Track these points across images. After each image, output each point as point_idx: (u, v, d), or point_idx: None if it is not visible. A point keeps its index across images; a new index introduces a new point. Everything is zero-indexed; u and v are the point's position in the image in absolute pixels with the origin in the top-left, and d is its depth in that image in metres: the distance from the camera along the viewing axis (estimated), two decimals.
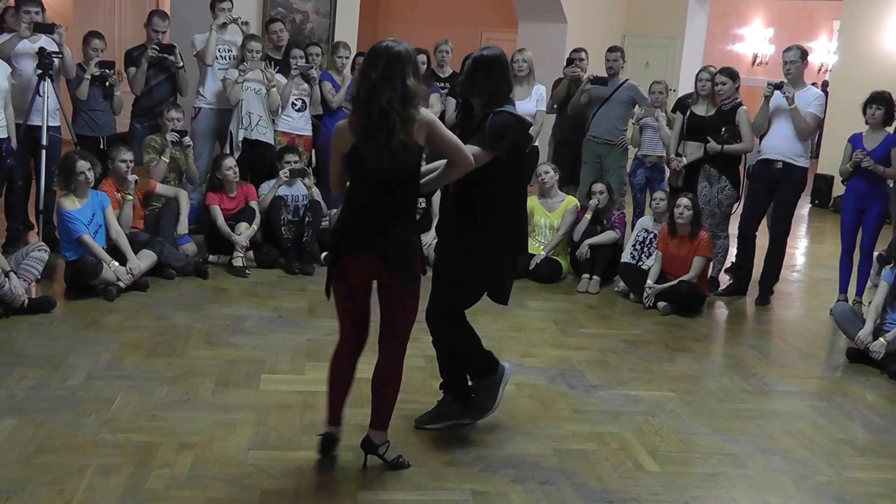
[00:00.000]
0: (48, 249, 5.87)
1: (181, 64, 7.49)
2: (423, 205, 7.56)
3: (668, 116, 7.88)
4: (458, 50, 8.57)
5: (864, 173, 6.53)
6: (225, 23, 7.56)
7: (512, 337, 5.72)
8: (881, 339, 5.59)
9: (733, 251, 7.37)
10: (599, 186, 7.34)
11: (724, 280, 7.40)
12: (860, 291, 6.85)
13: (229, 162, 7.01)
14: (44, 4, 6.75)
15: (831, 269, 7.28)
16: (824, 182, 12.23)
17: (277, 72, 7.59)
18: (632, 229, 7.52)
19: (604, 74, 8.01)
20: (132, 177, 6.42)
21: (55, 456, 3.72)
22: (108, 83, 7.04)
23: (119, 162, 6.41)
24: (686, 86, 10.79)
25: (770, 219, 7.17)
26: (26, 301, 5.42)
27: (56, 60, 6.55)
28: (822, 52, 18.07)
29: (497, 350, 5.40)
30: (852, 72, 11.81)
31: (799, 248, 9.66)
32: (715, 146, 6.91)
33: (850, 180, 6.72)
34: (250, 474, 3.68)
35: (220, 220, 6.84)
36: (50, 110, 6.56)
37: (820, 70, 17.98)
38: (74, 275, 5.90)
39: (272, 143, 7.64)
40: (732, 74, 7.01)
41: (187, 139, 6.97)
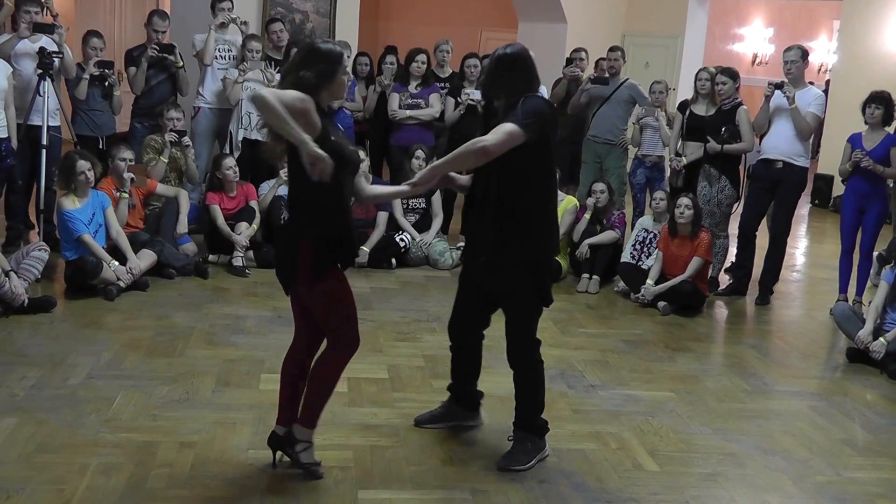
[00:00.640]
0: (48, 249, 5.90)
1: (181, 63, 7.49)
2: (423, 205, 7.56)
3: (669, 116, 7.88)
4: (457, 50, 8.56)
5: (864, 173, 6.52)
6: (224, 23, 7.57)
7: None
8: (881, 338, 5.59)
9: (733, 251, 7.37)
10: (600, 186, 7.33)
11: (724, 280, 7.40)
12: (860, 291, 6.84)
13: (229, 161, 7.01)
14: (43, 4, 6.76)
15: (831, 269, 7.27)
16: (824, 182, 12.21)
17: (278, 72, 7.59)
18: (632, 229, 7.52)
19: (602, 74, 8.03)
20: (128, 174, 6.43)
21: (56, 455, 3.72)
22: (107, 83, 7.07)
23: (118, 160, 6.42)
24: (686, 85, 10.78)
25: (770, 218, 7.18)
26: (26, 300, 5.43)
27: (56, 60, 6.58)
28: (822, 51, 18.07)
29: (497, 349, 5.40)
30: (852, 72, 11.80)
31: (799, 247, 9.65)
32: (715, 146, 6.90)
33: (849, 180, 6.71)
34: (250, 474, 3.68)
35: (220, 220, 6.85)
36: (50, 110, 6.59)
37: (820, 70, 17.98)
38: (75, 274, 5.91)
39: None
40: (733, 74, 7.00)
41: (186, 139, 6.97)
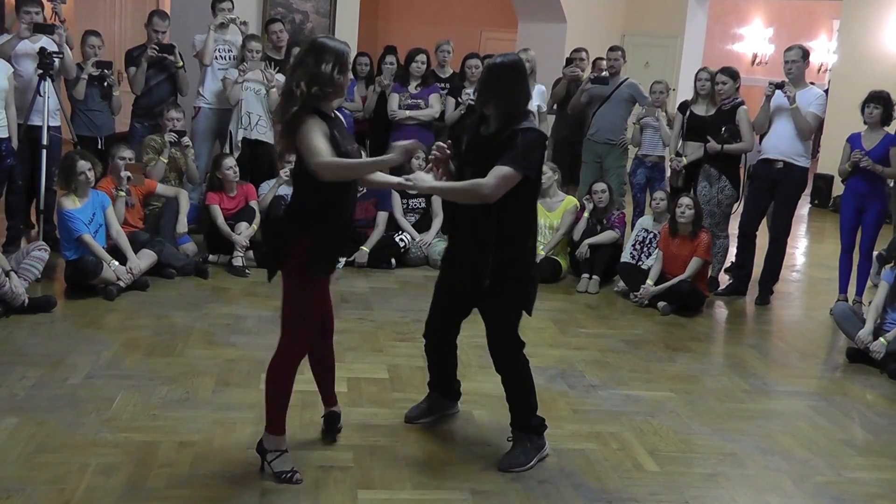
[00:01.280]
0: (48, 249, 5.90)
1: (181, 64, 7.49)
2: (423, 205, 7.56)
3: (669, 116, 7.88)
4: (457, 50, 8.56)
5: (863, 173, 6.52)
6: (223, 23, 7.56)
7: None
8: (881, 338, 5.60)
9: (733, 251, 7.37)
10: (600, 186, 7.33)
11: (724, 280, 7.40)
12: (860, 291, 6.84)
13: (229, 161, 7.01)
14: (43, 5, 6.76)
15: (831, 269, 7.27)
16: (824, 182, 12.22)
17: (278, 71, 7.58)
18: (631, 229, 7.52)
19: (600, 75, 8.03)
20: (125, 173, 6.42)
21: (56, 455, 3.72)
22: (106, 83, 7.06)
23: (118, 159, 6.42)
24: (685, 85, 10.78)
25: (770, 218, 7.18)
26: (26, 300, 5.42)
27: (56, 60, 6.57)
28: (822, 51, 18.07)
29: None
30: (852, 71, 11.81)
31: (799, 247, 9.66)
32: (715, 146, 6.90)
33: (848, 180, 6.71)
34: (250, 473, 3.68)
35: (220, 220, 6.84)
36: (50, 110, 6.58)
37: (820, 70, 17.98)
38: (74, 274, 5.90)
39: (272, 142, 7.63)
40: (733, 74, 7.00)
41: (186, 139, 6.97)
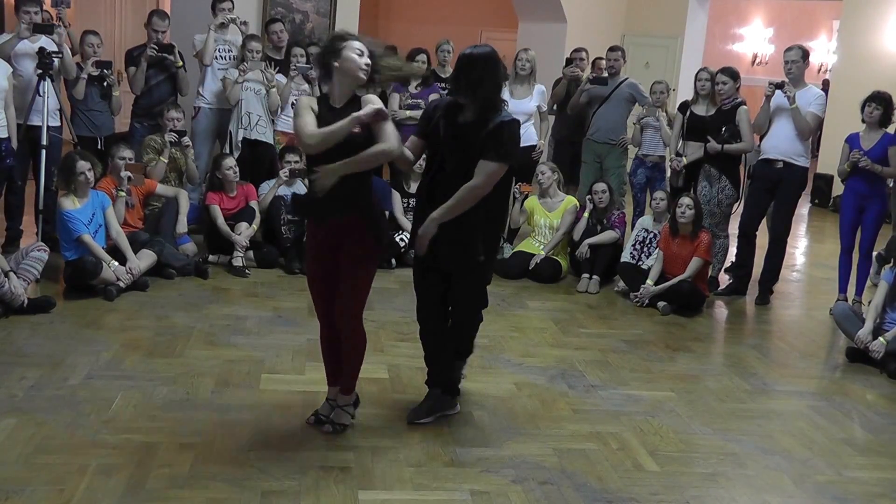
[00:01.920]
0: (48, 249, 5.86)
1: (181, 63, 7.47)
2: None
3: (669, 116, 7.88)
4: (457, 50, 8.54)
5: (863, 173, 6.52)
6: (223, 23, 7.55)
7: (512, 337, 5.72)
8: (881, 338, 5.60)
9: (733, 251, 7.37)
10: (600, 186, 7.32)
11: (724, 280, 7.40)
12: (860, 291, 6.84)
13: (229, 161, 7.00)
14: (42, 4, 6.74)
15: (831, 269, 7.27)
16: (824, 181, 12.22)
17: (278, 72, 7.58)
18: (632, 229, 7.51)
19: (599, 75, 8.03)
20: (125, 173, 6.41)
21: (55, 456, 3.71)
22: (105, 83, 7.04)
23: (118, 159, 6.41)
24: (686, 85, 10.78)
25: (770, 218, 7.17)
26: (26, 301, 5.41)
27: (56, 60, 6.56)
28: (822, 51, 18.06)
29: (497, 350, 5.44)
30: (852, 71, 11.80)
31: (799, 247, 9.66)
32: (715, 146, 6.90)
33: (848, 180, 6.71)
34: (250, 474, 3.67)
35: (220, 220, 6.83)
36: (50, 110, 6.57)
37: (820, 70, 17.98)
38: (74, 274, 5.89)
39: (272, 142, 7.63)
40: (733, 74, 7.00)
41: (186, 139, 6.96)
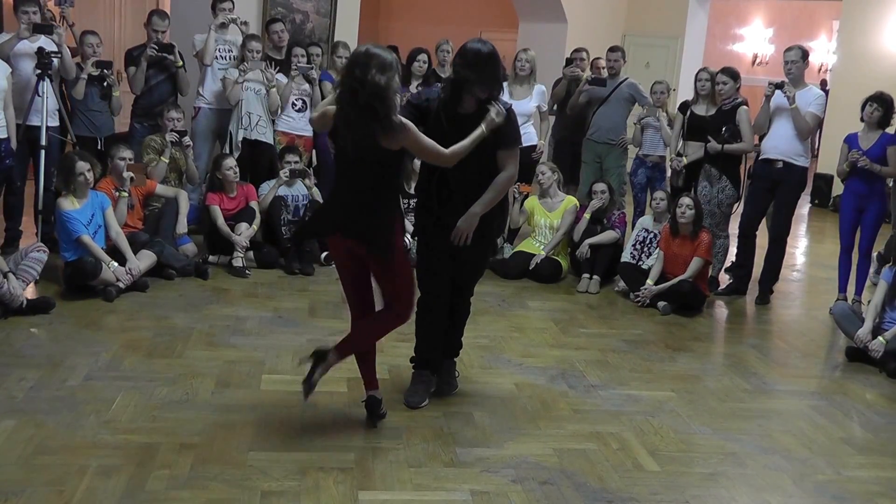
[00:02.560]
0: (47, 250, 5.83)
1: (181, 63, 7.45)
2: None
3: (670, 116, 7.88)
4: (457, 49, 8.54)
5: (862, 173, 6.52)
6: (224, 23, 7.54)
7: (512, 337, 5.71)
8: (880, 337, 5.60)
9: (733, 251, 7.37)
10: (601, 186, 7.32)
11: (725, 279, 7.39)
12: (859, 290, 6.85)
13: (229, 162, 6.99)
14: (42, 5, 6.73)
15: (831, 269, 7.26)
16: (824, 181, 12.22)
17: (278, 71, 7.57)
18: (632, 229, 7.51)
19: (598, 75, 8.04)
20: (127, 174, 6.40)
21: (54, 457, 3.71)
22: (105, 83, 7.01)
23: (118, 160, 6.39)
24: (686, 86, 10.77)
25: (770, 218, 7.17)
26: (25, 302, 5.40)
27: (55, 60, 6.54)
28: (822, 51, 18.07)
29: (498, 350, 5.44)
30: (852, 72, 11.81)
31: (799, 247, 9.66)
32: (715, 146, 6.90)
33: (848, 180, 6.72)
34: (250, 475, 3.67)
35: (220, 221, 6.82)
36: (49, 110, 6.54)
37: (820, 70, 17.99)
38: (73, 275, 5.87)
39: (272, 143, 7.62)
40: (734, 74, 7.00)
41: (187, 139, 6.95)
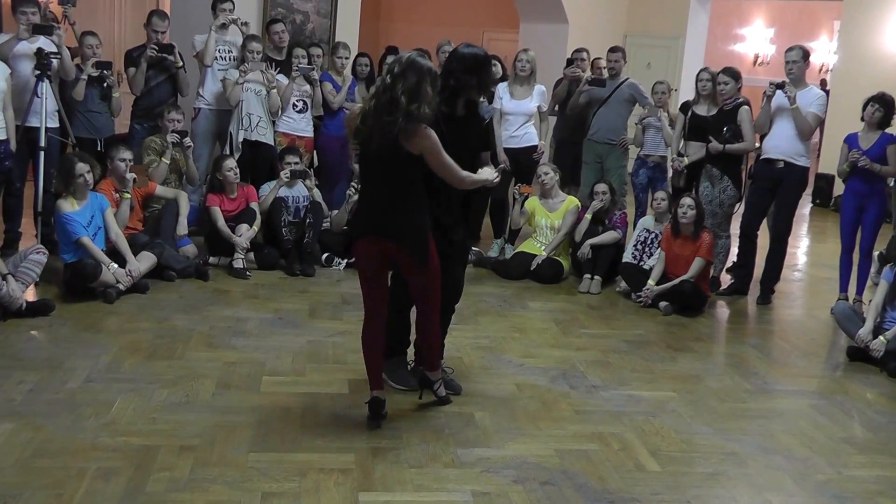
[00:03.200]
0: (46, 252, 5.82)
1: (181, 64, 7.44)
2: None
3: (671, 116, 7.86)
4: None
5: (862, 173, 6.52)
6: (224, 23, 7.52)
7: (513, 337, 5.71)
8: (881, 337, 5.60)
9: (735, 251, 7.36)
10: (602, 187, 7.31)
11: (726, 280, 7.38)
12: (860, 290, 6.84)
13: (230, 163, 6.97)
14: (40, 5, 6.71)
15: (832, 269, 7.26)
16: (825, 181, 12.21)
17: (278, 72, 7.56)
18: (633, 229, 7.50)
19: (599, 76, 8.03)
20: (130, 175, 6.39)
21: (54, 460, 3.70)
22: (105, 84, 6.97)
23: (118, 161, 6.37)
24: (687, 86, 10.76)
25: (771, 218, 7.16)
26: (24, 304, 5.39)
27: (55, 61, 6.50)
28: (823, 52, 18.06)
29: (499, 350, 5.43)
30: (853, 72, 11.80)
31: (800, 247, 9.65)
32: (717, 146, 6.89)
33: (848, 180, 6.72)
34: (251, 477, 3.66)
35: (221, 222, 6.81)
36: (48, 111, 6.51)
37: (821, 70, 17.97)
38: (73, 277, 5.85)
39: (272, 143, 7.61)
40: (735, 75, 6.99)
41: (188, 140, 6.94)
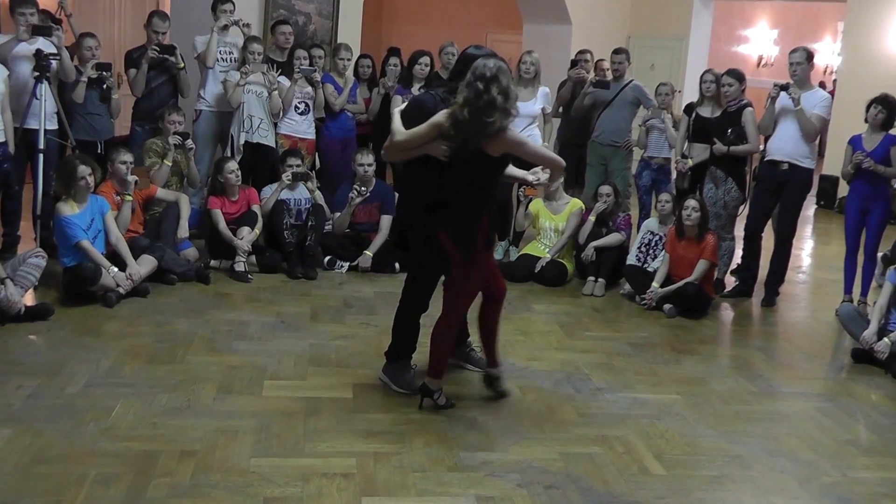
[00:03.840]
0: (46, 256, 5.76)
1: (182, 65, 7.41)
2: None
3: (675, 118, 7.83)
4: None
5: (866, 174, 6.51)
6: (226, 25, 7.50)
7: (517, 340, 5.68)
8: (886, 338, 5.57)
9: (739, 253, 7.33)
10: (606, 189, 7.29)
11: (730, 282, 7.35)
12: (865, 292, 6.81)
13: (231, 165, 6.95)
14: (38, 5, 6.63)
15: (837, 270, 7.23)
16: (829, 183, 12.19)
17: (280, 74, 7.53)
18: (637, 231, 7.47)
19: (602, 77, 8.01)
20: (132, 177, 6.35)
21: (53, 466, 3.67)
22: (105, 86, 6.92)
23: (119, 164, 6.33)
24: (691, 87, 10.75)
25: (776, 220, 7.13)
26: (23, 308, 5.35)
27: (53, 63, 6.45)
28: (827, 53, 18.04)
29: (502, 353, 5.38)
30: (857, 73, 11.78)
31: (805, 249, 9.63)
32: (721, 147, 6.86)
33: (852, 182, 6.70)
34: (252, 482, 3.63)
35: (222, 225, 6.78)
36: (47, 113, 6.47)
37: (826, 71, 17.95)
38: (73, 281, 5.81)
39: (274, 146, 7.58)
40: (739, 76, 6.97)
41: (190, 142, 6.92)
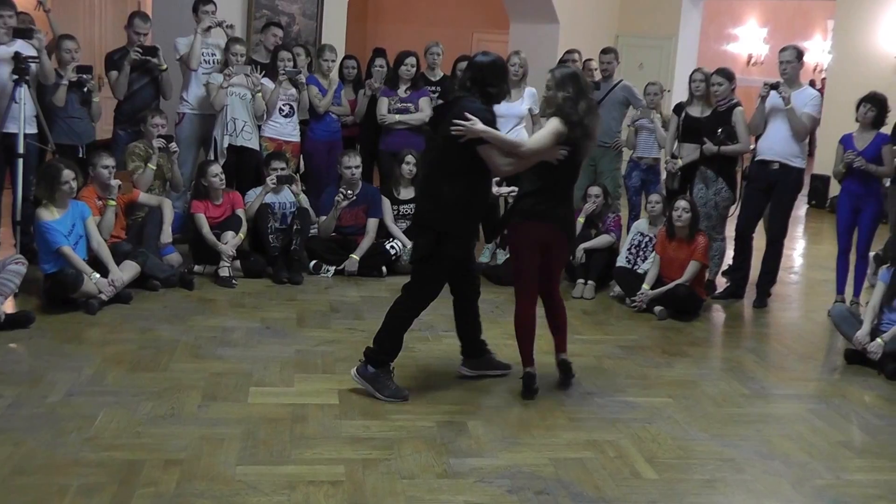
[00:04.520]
0: (26, 262, 5.64)
1: (165, 66, 7.34)
2: (413, 211, 7.44)
3: (664, 118, 7.81)
4: (448, 52, 8.42)
5: (858, 173, 6.52)
6: (210, 26, 7.42)
7: (506, 344, 5.61)
8: (878, 339, 5.55)
9: (730, 253, 7.32)
10: (595, 190, 7.26)
11: (722, 283, 7.34)
12: (857, 292, 6.83)
13: (215, 169, 6.88)
14: (16, 7, 6.56)
15: (829, 270, 7.23)
16: (821, 182, 12.22)
17: (264, 76, 7.46)
18: (627, 233, 7.43)
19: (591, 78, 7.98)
20: (115, 182, 6.27)
21: (34, 477, 3.61)
22: (85, 89, 6.83)
23: (101, 168, 6.24)
24: (680, 86, 10.74)
25: (767, 220, 7.11)
26: (3, 316, 5.27)
27: (33, 65, 6.35)
28: (817, 51, 18.09)
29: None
30: (847, 71, 11.82)
31: (796, 249, 9.65)
32: (711, 147, 6.84)
33: (844, 181, 6.71)
34: (239, 491, 3.59)
35: (206, 229, 6.71)
36: (27, 117, 6.37)
37: (815, 70, 18.01)
38: (54, 288, 5.73)
39: (258, 148, 7.51)
40: (729, 75, 6.96)
41: (174, 145, 6.86)
